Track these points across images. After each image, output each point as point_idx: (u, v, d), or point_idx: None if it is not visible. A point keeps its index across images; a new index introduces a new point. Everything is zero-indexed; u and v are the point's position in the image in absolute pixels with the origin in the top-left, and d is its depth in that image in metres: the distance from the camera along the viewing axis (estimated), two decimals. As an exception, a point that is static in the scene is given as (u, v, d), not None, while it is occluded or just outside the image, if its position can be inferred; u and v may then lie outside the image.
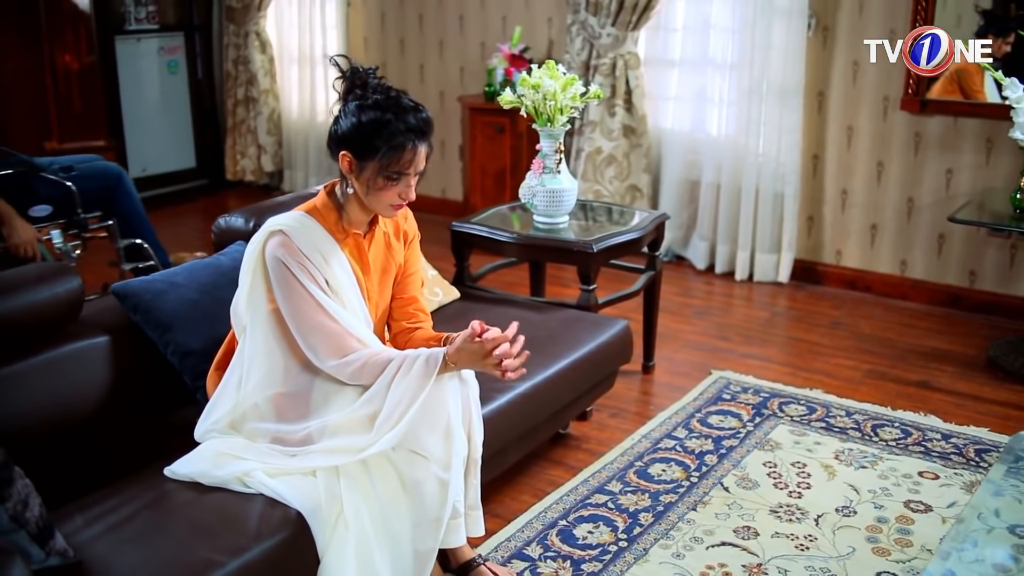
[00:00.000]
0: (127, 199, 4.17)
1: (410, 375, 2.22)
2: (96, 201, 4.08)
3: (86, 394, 2.45)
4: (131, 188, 4.22)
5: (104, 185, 4.12)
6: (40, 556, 1.86)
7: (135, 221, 4.17)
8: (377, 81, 2.34)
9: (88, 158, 4.32)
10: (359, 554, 2.14)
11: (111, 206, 4.13)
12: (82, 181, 4.01)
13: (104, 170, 4.19)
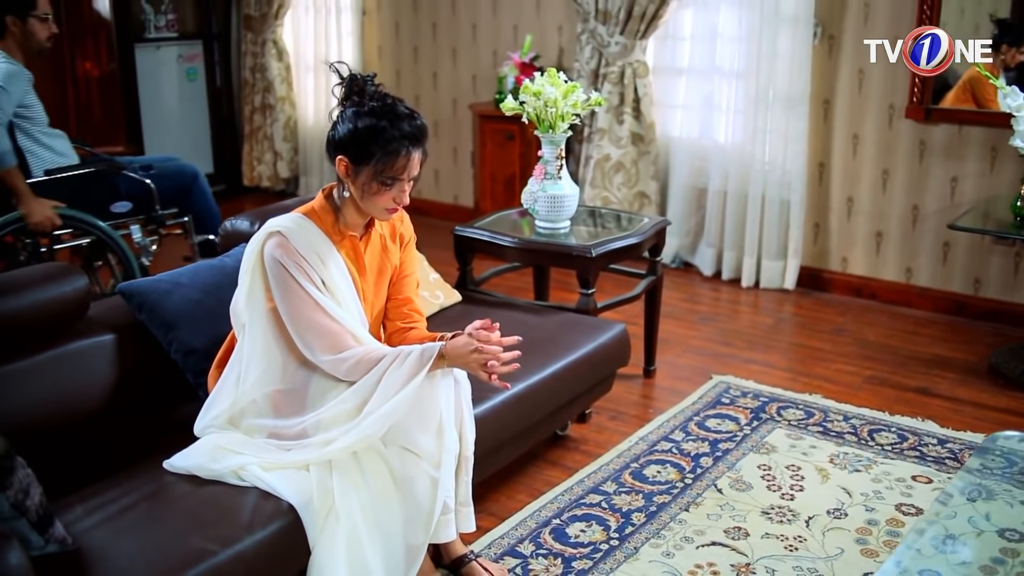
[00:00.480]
0: (201, 197, 4.35)
1: (403, 366, 2.28)
2: (173, 198, 4.27)
3: (91, 390, 2.53)
4: (205, 187, 4.39)
5: (180, 184, 4.31)
6: (40, 543, 1.93)
7: (208, 218, 4.34)
8: (375, 88, 2.41)
9: (166, 158, 4.55)
10: (349, 547, 2.20)
11: (186, 203, 4.32)
12: (160, 179, 4.20)
13: (181, 169, 4.38)
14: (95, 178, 4.01)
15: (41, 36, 3.94)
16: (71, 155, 4.09)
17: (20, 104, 3.85)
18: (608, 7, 5.08)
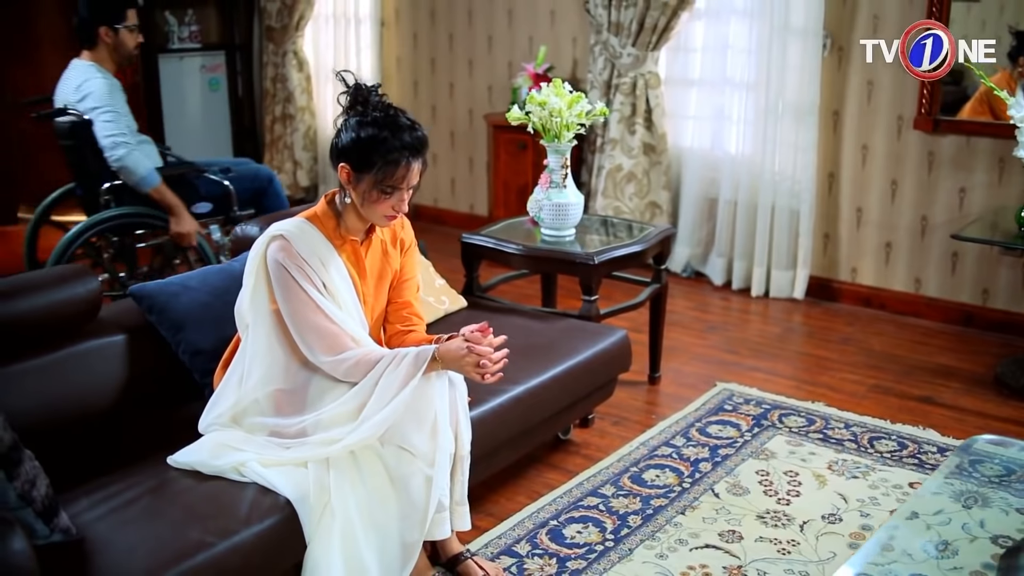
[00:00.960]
0: (276, 199, 4.54)
1: (399, 369, 2.35)
2: (249, 200, 4.47)
3: (102, 388, 2.61)
4: (280, 189, 4.60)
5: (256, 186, 4.50)
6: (45, 532, 2.01)
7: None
8: (378, 98, 2.49)
9: (242, 161, 4.75)
10: (345, 542, 2.27)
11: (261, 204, 4.51)
12: (238, 182, 4.40)
13: (257, 172, 4.57)
14: (178, 181, 4.22)
15: (130, 45, 4.17)
16: (157, 159, 4.27)
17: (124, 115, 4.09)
18: (620, 19, 5.14)
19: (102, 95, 4.00)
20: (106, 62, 4.11)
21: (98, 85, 4.01)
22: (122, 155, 3.96)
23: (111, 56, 4.12)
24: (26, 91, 6.27)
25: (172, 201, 4.07)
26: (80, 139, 4.08)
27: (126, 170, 4.00)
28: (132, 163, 3.98)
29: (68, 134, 4.14)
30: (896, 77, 4.57)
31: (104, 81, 4.02)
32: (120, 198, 4.12)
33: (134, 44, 4.18)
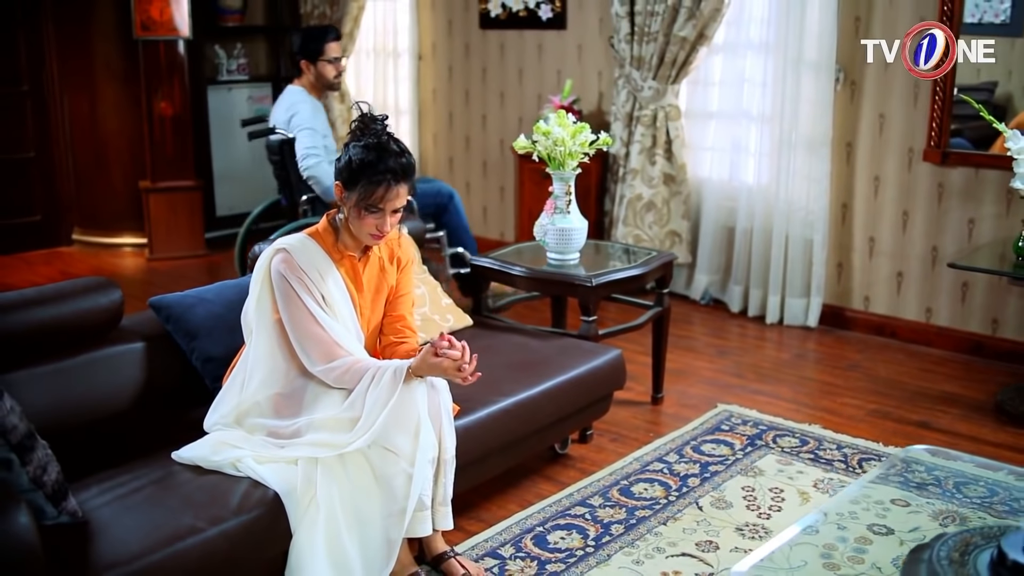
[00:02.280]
0: (456, 215, 4.98)
1: (381, 384, 2.54)
2: (431, 214, 4.92)
3: (121, 391, 2.83)
4: (460, 206, 5.03)
5: (438, 202, 4.96)
6: (53, 513, 2.22)
7: (461, 233, 4.96)
8: (379, 127, 2.70)
9: (429, 179, 5.26)
10: (328, 534, 2.45)
11: (442, 219, 4.97)
12: (421, 198, 4.81)
13: (439, 189, 5.02)
14: None
15: (329, 76, 4.75)
16: None
17: (322, 134, 4.62)
18: (642, 53, 5.32)
19: (304, 116, 4.60)
20: (311, 88, 4.75)
21: (302, 108, 4.61)
22: (311, 166, 4.51)
23: (315, 83, 4.74)
24: (82, 119, 6.67)
25: None
26: (285, 155, 4.72)
27: (314, 179, 4.54)
28: (319, 174, 4.50)
29: (276, 150, 4.80)
30: (907, 110, 4.68)
31: (307, 104, 4.62)
32: (315, 208, 4.67)
33: (333, 74, 4.75)
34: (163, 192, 6.47)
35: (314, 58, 4.70)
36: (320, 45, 4.69)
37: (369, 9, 6.87)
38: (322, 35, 4.74)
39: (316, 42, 4.71)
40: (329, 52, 4.69)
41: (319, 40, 4.71)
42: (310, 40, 4.73)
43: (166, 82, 6.40)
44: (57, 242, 6.83)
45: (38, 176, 6.72)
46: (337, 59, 4.72)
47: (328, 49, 4.69)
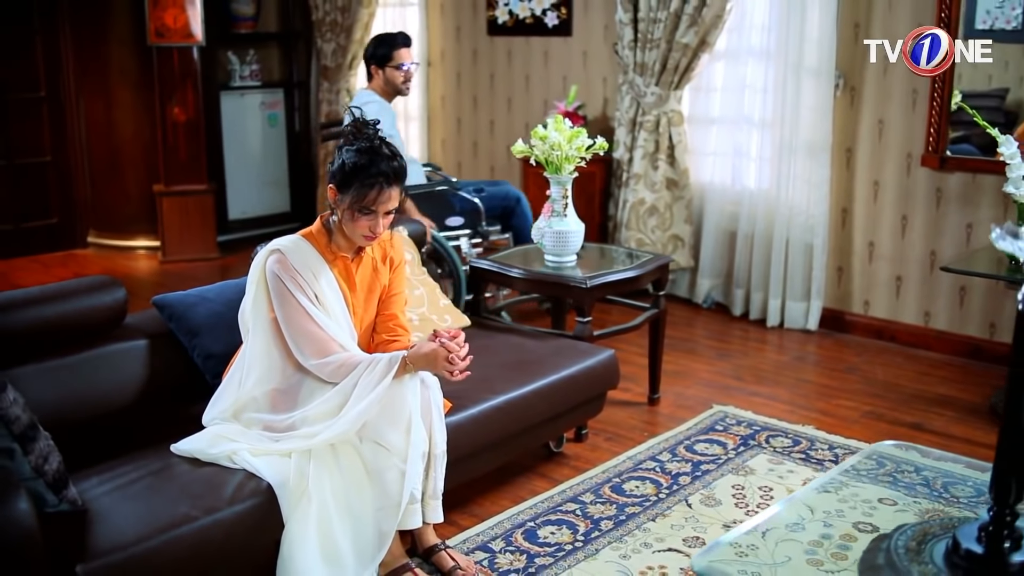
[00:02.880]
0: (522, 218, 5.09)
1: (375, 371, 2.62)
2: (499, 217, 5.07)
3: (124, 386, 2.92)
4: (527, 210, 5.13)
5: (506, 204, 5.10)
6: (54, 501, 2.31)
7: (528, 236, 4.82)
8: (371, 132, 2.78)
9: (498, 183, 5.36)
10: (320, 525, 2.53)
11: (509, 222, 5.09)
12: (488, 200, 4.97)
13: (507, 193, 5.14)
14: (435, 196, 4.77)
15: (397, 82, 4.81)
16: (421, 177, 4.95)
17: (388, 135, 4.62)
18: (645, 60, 5.39)
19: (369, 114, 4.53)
20: (381, 91, 4.83)
21: (369, 108, 4.65)
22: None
23: (384, 87, 4.83)
24: (98, 124, 6.80)
25: (409, 207, 4.60)
26: None
27: None
28: None
29: None
30: (905, 116, 4.73)
31: (376, 106, 4.71)
32: None
33: (401, 80, 4.80)
34: (176, 196, 6.59)
35: (383, 63, 4.80)
36: (389, 51, 4.79)
37: (379, 16, 6.97)
38: (391, 41, 4.83)
39: (385, 48, 4.80)
40: (397, 58, 4.79)
41: (388, 46, 4.80)
42: (380, 45, 4.82)
43: (179, 88, 6.52)
44: (73, 244, 6.97)
45: (54, 180, 6.85)
46: (405, 65, 4.81)
47: (396, 55, 4.78)
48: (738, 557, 2.36)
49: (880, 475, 2.69)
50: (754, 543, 2.41)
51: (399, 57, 4.79)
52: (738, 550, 2.36)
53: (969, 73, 4.67)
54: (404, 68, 4.79)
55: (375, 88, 4.86)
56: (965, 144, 4.69)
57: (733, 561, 2.34)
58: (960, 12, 4.49)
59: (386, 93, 4.86)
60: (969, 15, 4.53)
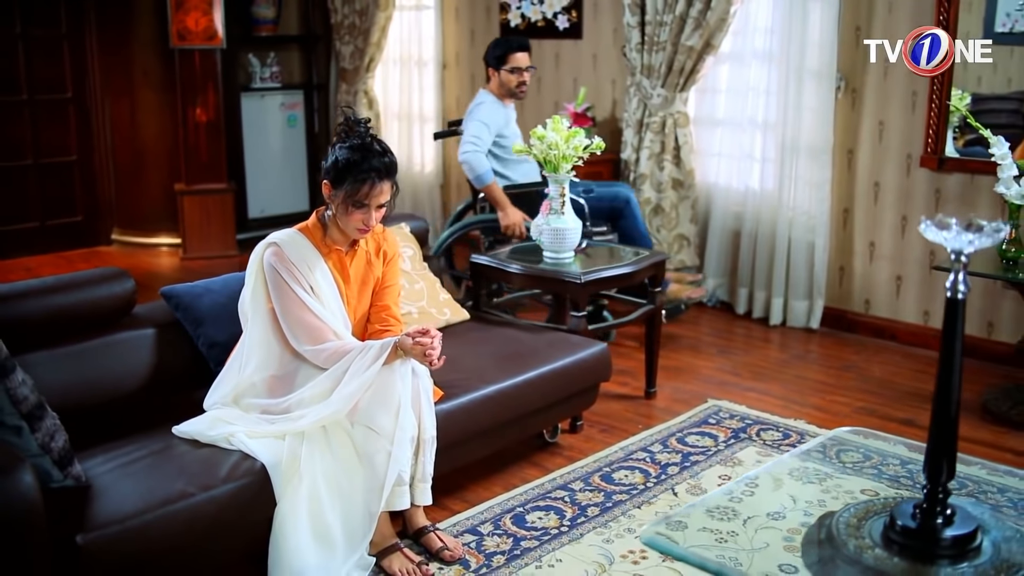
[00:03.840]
0: (631, 219, 5.04)
1: (367, 356, 2.75)
2: (606, 216, 5.01)
3: (132, 373, 3.07)
4: (636, 211, 5.08)
5: (614, 205, 5.04)
6: (59, 477, 2.45)
7: (637, 238, 4.97)
8: (363, 129, 2.91)
9: (610, 184, 5.28)
10: (311, 503, 2.66)
11: (617, 223, 5.05)
12: (596, 200, 4.91)
13: (616, 194, 5.09)
14: (540, 195, 4.65)
15: (510, 84, 4.91)
16: (534, 175, 4.95)
17: (498, 135, 4.87)
18: (652, 62, 5.49)
19: (480, 111, 4.87)
20: (496, 92, 4.95)
21: (482, 107, 4.90)
22: (466, 151, 4.74)
23: (499, 89, 4.94)
24: (122, 125, 7.00)
25: (499, 198, 4.73)
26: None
27: (467, 166, 4.76)
28: (471, 160, 4.74)
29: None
30: (905, 117, 4.80)
31: (488, 104, 4.88)
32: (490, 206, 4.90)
33: (514, 83, 4.91)
34: (196, 195, 6.77)
35: (498, 65, 4.90)
36: (503, 53, 4.88)
37: (396, 19, 7.11)
38: (507, 44, 4.93)
39: (500, 50, 4.90)
40: (511, 61, 4.87)
41: (503, 48, 4.90)
42: (496, 47, 4.93)
43: (201, 89, 6.70)
44: (97, 241, 7.17)
45: (80, 178, 7.06)
46: (519, 69, 4.89)
47: (511, 58, 4.87)
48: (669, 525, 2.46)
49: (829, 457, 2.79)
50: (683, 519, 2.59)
51: (512, 60, 4.87)
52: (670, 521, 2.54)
53: (989, 76, 4.72)
54: (518, 71, 4.87)
55: (492, 89, 4.96)
56: (979, 147, 4.72)
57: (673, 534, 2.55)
58: (958, 14, 4.54)
59: (501, 94, 4.95)
60: (988, 18, 4.58)
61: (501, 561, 2.92)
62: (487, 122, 4.83)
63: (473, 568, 2.88)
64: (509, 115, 5.00)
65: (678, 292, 5.03)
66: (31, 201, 6.86)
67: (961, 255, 1.78)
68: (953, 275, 1.80)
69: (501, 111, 4.92)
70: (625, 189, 5.15)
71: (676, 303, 5.07)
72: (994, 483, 2.93)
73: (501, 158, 4.93)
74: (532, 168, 4.97)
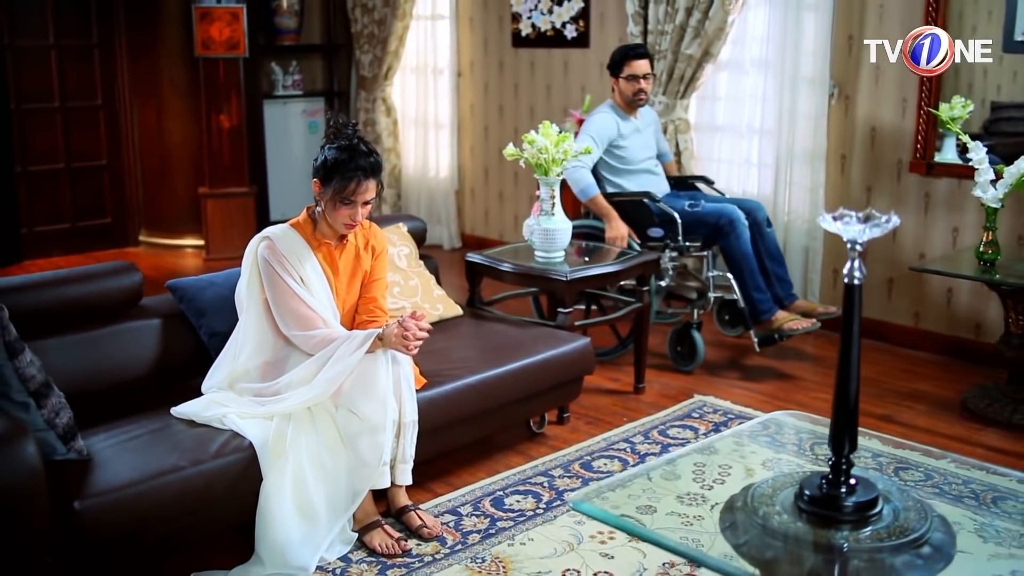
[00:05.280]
0: (736, 242, 4.62)
1: (351, 344, 2.95)
2: (710, 232, 4.72)
3: (138, 359, 3.29)
4: (741, 231, 4.63)
5: (717, 224, 4.67)
6: (63, 450, 2.68)
7: (740, 263, 4.64)
8: (350, 131, 3.12)
9: (716, 199, 4.98)
10: (295, 480, 2.86)
11: (715, 241, 4.73)
12: (697, 215, 4.71)
13: (720, 213, 4.68)
14: (637, 206, 4.73)
15: (627, 92, 4.79)
16: (662, 187, 4.88)
17: (613, 144, 4.78)
18: (654, 70, 5.64)
19: (591, 123, 4.82)
20: (619, 101, 4.85)
21: (595, 117, 4.83)
22: (568, 167, 4.50)
23: (620, 97, 4.84)
24: (149, 130, 7.29)
25: (604, 210, 4.69)
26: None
27: (569, 180, 4.68)
28: (571, 177, 4.67)
29: None
30: (895, 123, 4.92)
31: (601, 115, 4.81)
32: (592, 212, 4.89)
33: (631, 91, 4.77)
34: (219, 198, 7.03)
35: (616, 73, 4.79)
36: (621, 60, 4.76)
37: (413, 29, 7.34)
38: (624, 51, 4.81)
39: (618, 57, 4.79)
40: (628, 69, 4.75)
41: (621, 55, 4.79)
42: (615, 55, 4.83)
43: (224, 97, 6.97)
44: (125, 243, 7.46)
45: (109, 182, 7.36)
46: (636, 76, 4.75)
47: (627, 66, 4.75)
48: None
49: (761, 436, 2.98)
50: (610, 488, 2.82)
51: (629, 67, 4.74)
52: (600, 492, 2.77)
53: (1008, 85, 4.83)
54: (635, 79, 4.75)
55: (615, 98, 4.86)
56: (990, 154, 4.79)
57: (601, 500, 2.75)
58: (948, 17, 4.66)
59: (622, 103, 4.83)
60: (1008, 27, 4.67)
61: (476, 539, 3.10)
62: (593, 134, 4.73)
63: (449, 545, 3.07)
64: (629, 124, 4.85)
65: (783, 321, 4.57)
66: (63, 204, 7.17)
67: (856, 244, 1.93)
68: (850, 262, 1.95)
69: (613, 121, 4.79)
70: (733, 210, 4.69)
71: (769, 332, 4.62)
72: (960, 475, 3.08)
73: (616, 168, 4.85)
74: (651, 179, 4.90)
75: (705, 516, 3.19)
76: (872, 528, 2.04)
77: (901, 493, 2.23)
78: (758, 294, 4.61)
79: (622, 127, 4.81)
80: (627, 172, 4.86)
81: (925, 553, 2.01)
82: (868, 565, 2.00)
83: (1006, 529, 2.64)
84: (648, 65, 4.82)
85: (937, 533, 2.07)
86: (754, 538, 2.12)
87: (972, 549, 2.46)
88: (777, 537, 2.09)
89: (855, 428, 2.13)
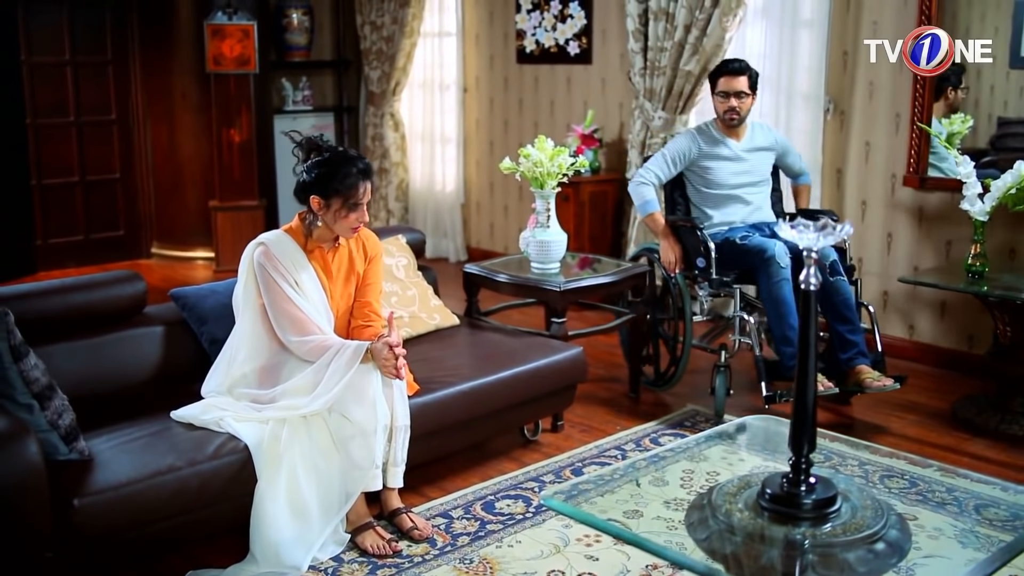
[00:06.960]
0: (764, 279, 4.19)
1: (343, 358, 3.04)
2: (747, 270, 4.33)
3: (141, 365, 3.41)
4: (775, 272, 4.13)
5: (752, 261, 4.26)
6: (65, 451, 2.78)
7: (764, 302, 4.24)
8: (325, 143, 3.23)
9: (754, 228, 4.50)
10: (289, 482, 2.96)
11: (753, 275, 4.32)
12: (743, 246, 4.31)
13: (761, 246, 4.24)
14: (689, 232, 4.44)
15: (718, 109, 4.48)
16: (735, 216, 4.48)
17: (697, 165, 4.49)
18: (653, 86, 5.75)
19: (670, 143, 4.65)
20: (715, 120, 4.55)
21: (677, 137, 4.67)
22: (632, 182, 4.53)
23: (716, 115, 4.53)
24: (162, 145, 7.44)
25: (660, 230, 4.46)
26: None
27: (632, 195, 4.54)
28: (632, 192, 4.54)
29: None
30: (889, 138, 5.00)
31: (682, 136, 4.60)
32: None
33: (721, 109, 4.43)
34: (229, 211, 7.17)
35: (712, 90, 4.52)
36: (715, 77, 4.51)
37: (420, 46, 7.48)
38: (719, 67, 4.55)
39: (713, 74, 4.54)
40: (719, 85, 4.46)
41: (716, 72, 4.53)
42: (713, 70, 4.60)
43: (235, 112, 7.11)
44: (138, 255, 7.61)
45: (122, 195, 7.52)
46: (727, 93, 4.41)
47: (719, 82, 4.47)
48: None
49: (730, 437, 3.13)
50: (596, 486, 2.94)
51: (720, 84, 4.46)
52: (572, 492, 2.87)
53: (1015, 101, 4.86)
54: (724, 96, 4.43)
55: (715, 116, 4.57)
56: (992, 169, 4.83)
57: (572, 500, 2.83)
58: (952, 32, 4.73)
59: (719, 123, 4.53)
60: (1015, 43, 4.74)
61: (466, 541, 3.19)
62: (668, 152, 4.51)
63: (439, 546, 3.15)
64: (723, 147, 4.48)
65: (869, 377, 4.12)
66: (77, 216, 7.33)
67: (811, 252, 2.01)
68: (806, 269, 2.03)
69: (694, 141, 4.49)
70: (773, 245, 4.19)
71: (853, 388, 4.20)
72: (944, 483, 3.14)
73: (701, 192, 4.52)
74: (737, 208, 4.49)
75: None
76: (830, 525, 2.12)
77: (860, 492, 2.30)
78: (783, 347, 4.10)
79: (707, 149, 4.48)
80: (711, 196, 4.50)
81: (879, 549, 2.08)
82: (823, 560, 2.08)
83: (986, 536, 2.72)
84: (743, 82, 4.40)
85: (893, 530, 2.14)
86: (715, 534, 2.20)
87: (952, 555, 2.54)
88: (738, 533, 2.17)
89: (814, 429, 2.20)
